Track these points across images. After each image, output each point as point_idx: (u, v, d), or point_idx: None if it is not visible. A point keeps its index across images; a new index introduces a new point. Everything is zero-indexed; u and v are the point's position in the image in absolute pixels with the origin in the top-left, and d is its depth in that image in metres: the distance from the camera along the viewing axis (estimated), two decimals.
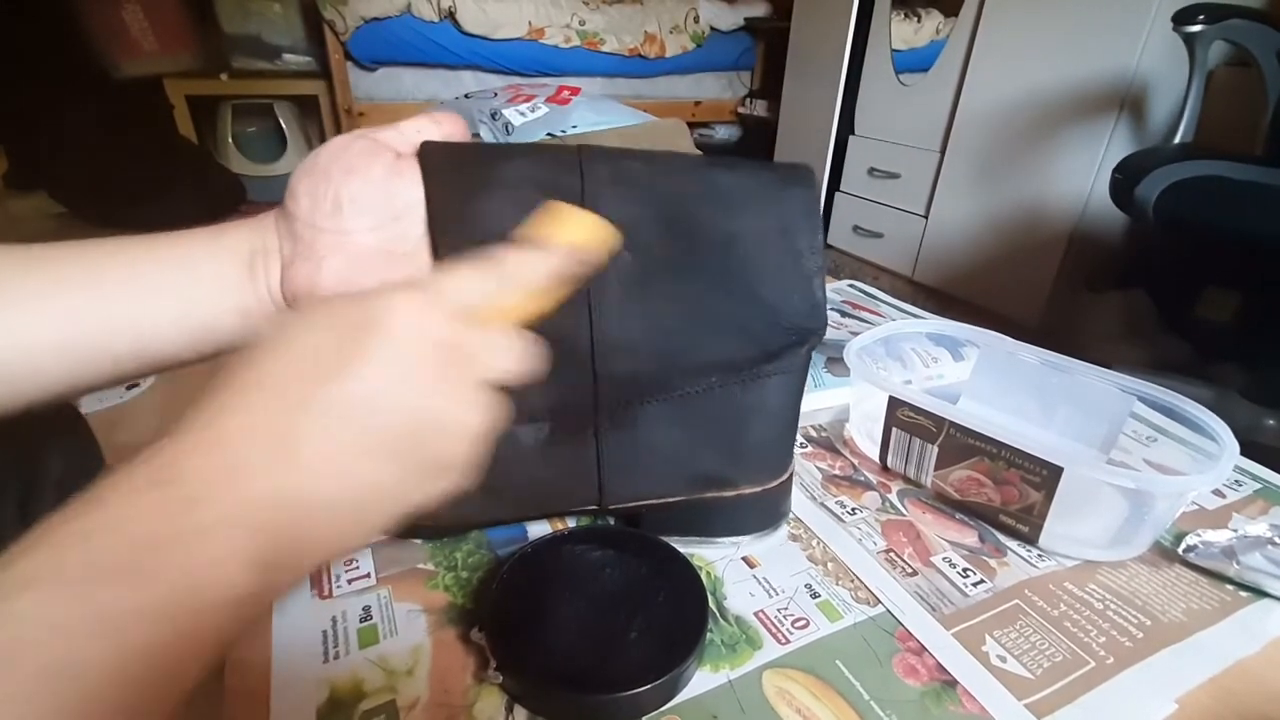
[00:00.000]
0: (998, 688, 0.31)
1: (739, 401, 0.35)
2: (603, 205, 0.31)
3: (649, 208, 0.31)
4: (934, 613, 0.35)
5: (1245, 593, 0.37)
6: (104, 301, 0.28)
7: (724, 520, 0.38)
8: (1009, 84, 1.52)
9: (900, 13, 1.84)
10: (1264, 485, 0.48)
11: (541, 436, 0.35)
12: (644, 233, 0.31)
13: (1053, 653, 0.33)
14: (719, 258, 0.32)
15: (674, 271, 0.32)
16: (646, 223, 0.31)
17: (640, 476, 0.36)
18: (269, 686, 0.30)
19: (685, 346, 0.33)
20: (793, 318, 0.34)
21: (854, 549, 0.40)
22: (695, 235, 0.32)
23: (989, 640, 0.34)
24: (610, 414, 0.34)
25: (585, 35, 2.17)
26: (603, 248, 0.27)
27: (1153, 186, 0.95)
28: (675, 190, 0.32)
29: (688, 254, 0.32)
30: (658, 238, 0.32)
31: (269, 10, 2.03)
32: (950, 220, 1.71)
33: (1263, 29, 1.01)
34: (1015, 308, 1.56)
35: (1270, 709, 0.31)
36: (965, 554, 0.40)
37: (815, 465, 0.48)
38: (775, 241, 0.33)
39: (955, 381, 0.55)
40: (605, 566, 0.34)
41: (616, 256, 0.31)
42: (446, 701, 0.29)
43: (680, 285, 0.32)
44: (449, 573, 0.36)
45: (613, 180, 0.31)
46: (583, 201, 0.30)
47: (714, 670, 0.31)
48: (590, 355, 0.33)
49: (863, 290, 0.81)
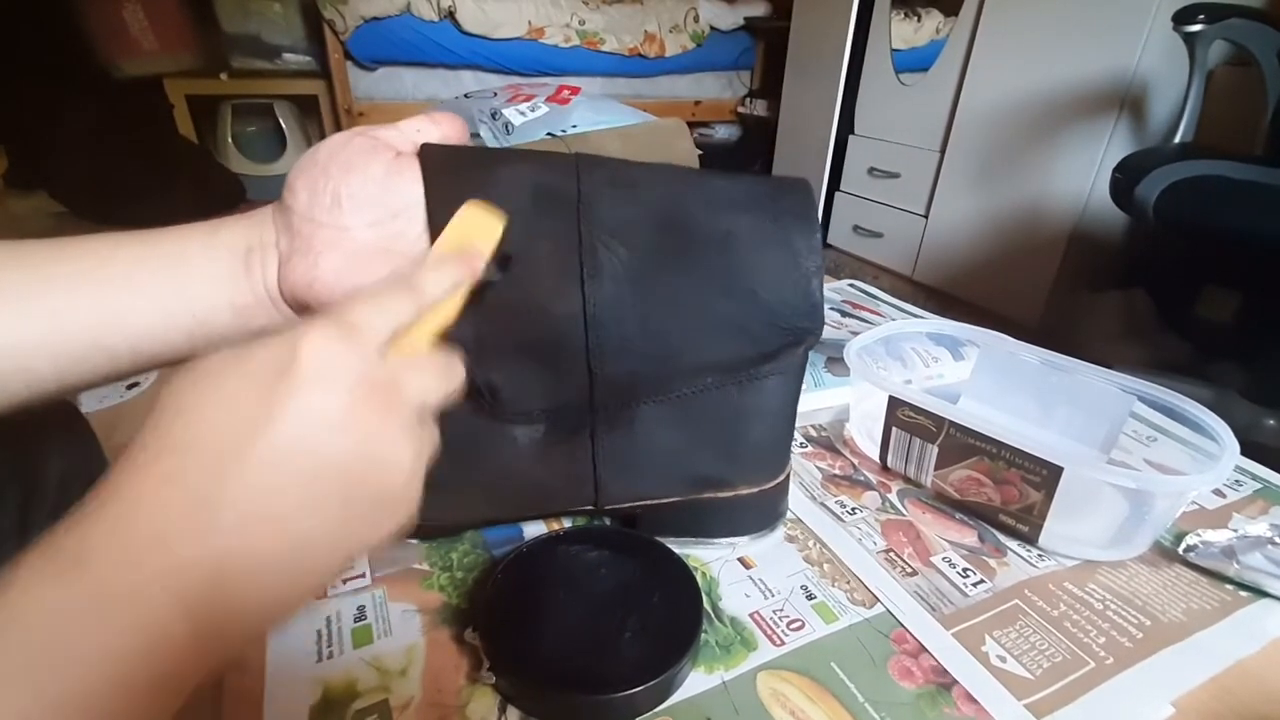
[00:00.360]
0: (998, 688, 0.31)
1: (736, 402, 0.35)
2: (600, 206, 0.31)
3: (646, 208, 0.31)
4: (934, 613, 0.35)
5: (1245, 592, 0.37)
6: (96, 298, 0.27)
7: (721, 521, 0.38)
8: (1009, 83, 1.52)
9: (900, 12, 1.84)
10: (1264, 485, 0.47)
11: (537, 437, 0.34)
12: (640, 233, 0.31)
13: (1052, 653, 0.33)
14: (715, 257, 0.32)
15: (670, 271, 0.32)
16: (643, 223, 0.31)
17: (637, 477, 0.36)
18: (263, 686, 0.29)
19: (682, 347, 0.33)
20: (790, 318, 0.33)
21: (854, 549, 0.40)
22: (692, 235, 0.32)
23: (989, 640, 0.34)
24: (607, 415, 0.34)
25: (585, 35, 2.17)
26: (496, 234, 0.28)
27: (1153, 186, 0.95)
28: (672, 192, 0.32)
29: (684, 254, 0.32)
30: (654, 238, 0.32)
31: (269, 10, 2.03)
32: (950, 220, 1.70)
33: (1263, 28, 1.01)
34: (1015, 307, 1.56)
35: (1270, 709, 0.31)
36: (965, 554, 0.40)
37: (815, 465, 0.48)
38: (772, 241, 0.32)
39: (955, 381, 0.55)
40: (600, 567, 0.34)
41: (613, 256, 0.31)
42: (440, 701, 0.29)
43: (676, 285, 0.32)
44: (444, 573, 0.36)
45: (610, 183, 0.31)
46: (579, 203, 0.30)
47: (708, 671, 0.31)
48: (586, 356, 0.32)
49: (863, 290, 0.81)
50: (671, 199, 0.32)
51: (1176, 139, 1.12)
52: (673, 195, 0.32)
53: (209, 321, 0.29)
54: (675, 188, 0.32)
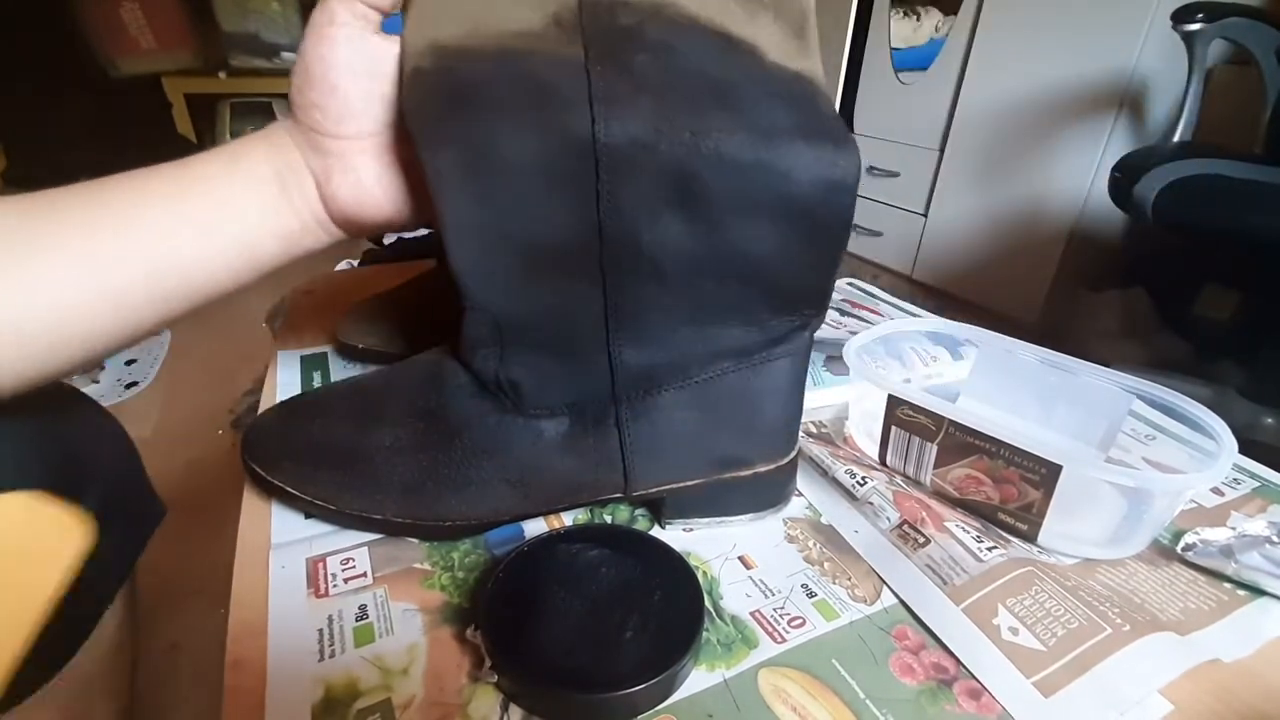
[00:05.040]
0: (1006, 667, 0.31)
1: (752, 384, 0.36)
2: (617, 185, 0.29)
3: (664, 194, 0.30)
4: (945, 586, 0.35)
5: (1243, 591, 0.37)
6: (141, 243, 0.27)
7: (740, 498, 0.40)
8: (1008, 82, 1.52)
9: (899, 11, 1.84)
10: (1262, 483, 0.48)
11: (563, 430, 0.35)
12: (658, 223, 0.31)
13: (1068, 619, 0.33)
14: (732, 245, 0.32)
15: (688, 262, 0.32)
16: (661, 212, 0.30)
17: (664, 462, 0.37)
18: (264, 685, 0.29)
19: (699, 335, 0.34)
20: (796, 302, 0.34)
21: (867, 530, 0.40)
22: (710, 222, 0.31)
23: (1001, 611, 0.34)
24: (630, 404, 0.35)
25: None
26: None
27: (1152, 185, 0.95)
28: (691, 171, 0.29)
29: (701, 243, 0.32)
30: (672, 228, 0.31)
31: (267, 8, 2.03)
32: (949, 219, 1.71)
33: (1262, 27, 1.01)
34: (1014, 306, 1.56)
35: (1269, 708, 0.31)
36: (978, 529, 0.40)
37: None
38: (780, 228, 0.32)
39: (954, 380, 0.55)
40: (601, 565, 0.34)
41: (632, 246, 0.31)
42: (442, 700, 0.29)
43: (694, 275, 0.33)
44: (445, 572, 0.36)
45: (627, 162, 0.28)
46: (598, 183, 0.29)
47: (710, 669, 0.31)
48: (606, 348, 0.33)
49: (862, 289, 0.81)
50: (693, 175, 0.29)
51: (1175, 138, 1.12)
52: (694, 171, 0.29)
53: (254, 255, 0.29)
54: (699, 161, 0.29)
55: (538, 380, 0.34)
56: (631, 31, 0.28)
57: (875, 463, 0.47)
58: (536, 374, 0.34)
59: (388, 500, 0.36)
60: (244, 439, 0.39)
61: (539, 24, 0.28)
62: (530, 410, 0.35)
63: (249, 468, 0.38)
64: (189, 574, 0.82)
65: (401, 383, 0.37)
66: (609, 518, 0.41)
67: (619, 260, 0.31)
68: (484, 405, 0.35)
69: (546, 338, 0.33)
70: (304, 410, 0.39)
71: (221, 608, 0.32)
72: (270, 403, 0.47)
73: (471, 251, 0.31)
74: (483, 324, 0.32)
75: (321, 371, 0.55)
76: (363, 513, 0.36)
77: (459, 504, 0.36)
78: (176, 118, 1.99)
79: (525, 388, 0.34)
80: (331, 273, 0.84)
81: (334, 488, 0.36)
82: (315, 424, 0.38)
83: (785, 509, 0.42)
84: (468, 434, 0.35)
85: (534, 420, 0.35)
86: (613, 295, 0.32)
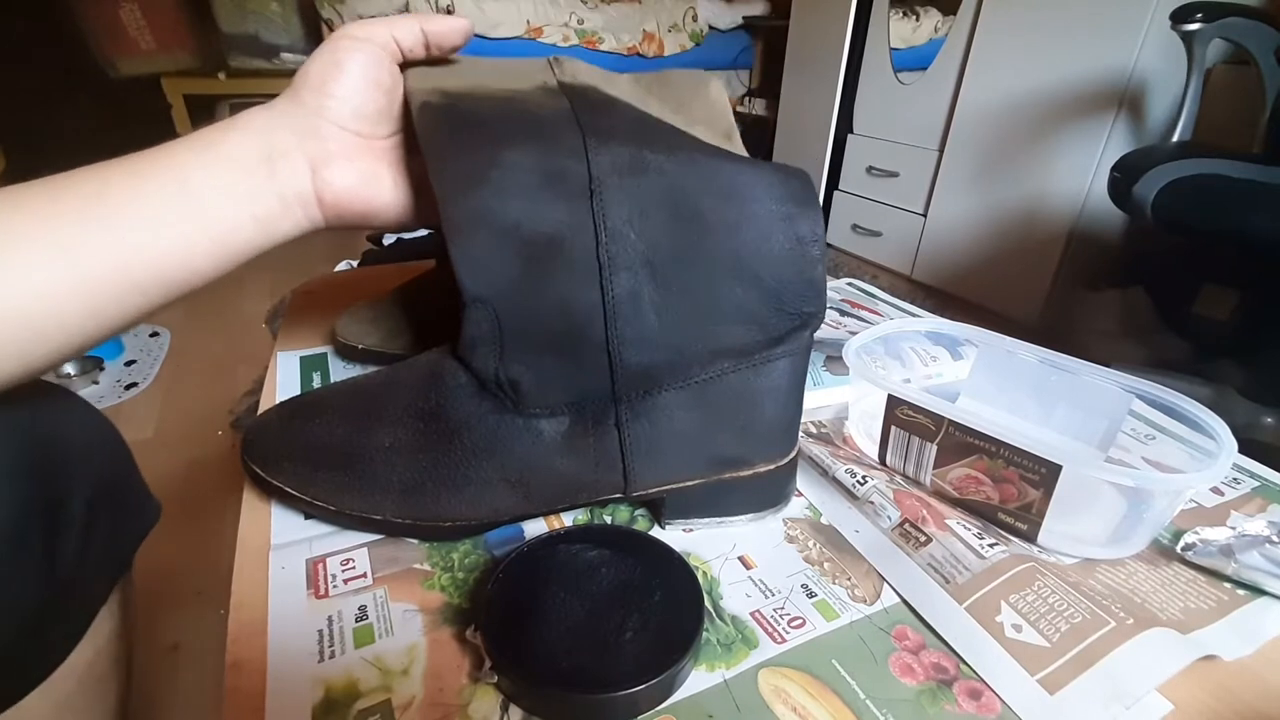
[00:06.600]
0: (1010, 665, 0.31)
1: (752, 384, 0.36)
2: (612, 192, 0.31)
3: (656, 198, 0.32)
4: (947, 584, 0.35)
5: (1243, 591, 0.37)
6: (104, 232, 0.27)
7: (740, 499, 0.40)
8: (1007, 82, 1.52)
9: (899, 11, 1.84)
10: (1262, 483, 0.48)
11: (563, 429, 0.35)
12: (652, 225, 0.32)
13: (1071, 614, 0.33)
14: (725, 247, 0.33)
15: (684, 262, 0.33)
16: (655, 211, 0.32)
17: (665, 462, 0.37)
18: (264, 686, 0.29)
19: (697, 334, 0.34)
20: (796, 303, 0.35)
21: (867, 530, 0.40)
22: (702, 225, 0.33)
23: (1004, 608, 0.34)
24: (630, 404, 0.35)
25: (583, 34, 2.17)
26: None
27: (1151, 185, 0.95)
28: (680, 182, 0.32)
29: (695, 244, 0.33)
30: (666, 229, 0.32)
31: (267, 9, 2.03)
32: (949, 219, 1.71)
33: (1261, 27, 1.01)
34: (1014, 306, 1.56)
35: (1269, 708, 0.31)
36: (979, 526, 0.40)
37: None
38: (778, 229, 0.33)
39: (954, 380, 0.55)
40: (601, 566, 0.34)
41: (629, 246, 0.32)
42: (442, 701, 0.29)
43: (690, 273, 0.33)
44: (445, 573, 0.36)
45: (618, 170, 0.31)
46: (591, 189, 0.31)
47: (710, 670, 0.31)
48: (606, 346, 0.33)
49: (861, 289, 0.81)
50: (680, 189, 0.32)
51: (1175, 138, 1.12)
52: (680, 185, 0.32)
53: (230, 240, 0.29)
54: (683, 173, 0.32)
55: (537, 379, 0.34)
56: (605, 99, 0.34)
57: (875, 463, 0.47)
58: (536, 373, 0.34)
59: (387, 501, 0.36)
60: (244, 439, 0.39)
61: (528, 88, 0.34)
62: (530, 410, 0.35)
63: (249, 468, 0.38)
64: (189, 574, 0.82)
65: (401, 383, 0.37)
66: (609, 518, 0.41)
67: (617, 259, 0.32)
68: (484, 405, 0.35)
69: (546, 337, 0.33)
70: (304, 410, 0.39)
71: (221, 608, 0.32)
72: (270, 403, 0.47)
73: (473, 248, 0.31)
74: (483, 322, 0.33)
75: (321, 372, 0.55)
76: (362, 513, 0.36)
77: (459, 504, 0.36)
78: (176, 118, 1.99)
79: (525, 387, 0.34)
80: (331, 273, 0.84)
81: (334, 488, 0.36)
82: (315, 424, 0.38)
83: (785, 509, 0.42)
84: (467, 434, 0.35)
85: (534, 420, 0.35)
86: (612, 294, 0.32)
